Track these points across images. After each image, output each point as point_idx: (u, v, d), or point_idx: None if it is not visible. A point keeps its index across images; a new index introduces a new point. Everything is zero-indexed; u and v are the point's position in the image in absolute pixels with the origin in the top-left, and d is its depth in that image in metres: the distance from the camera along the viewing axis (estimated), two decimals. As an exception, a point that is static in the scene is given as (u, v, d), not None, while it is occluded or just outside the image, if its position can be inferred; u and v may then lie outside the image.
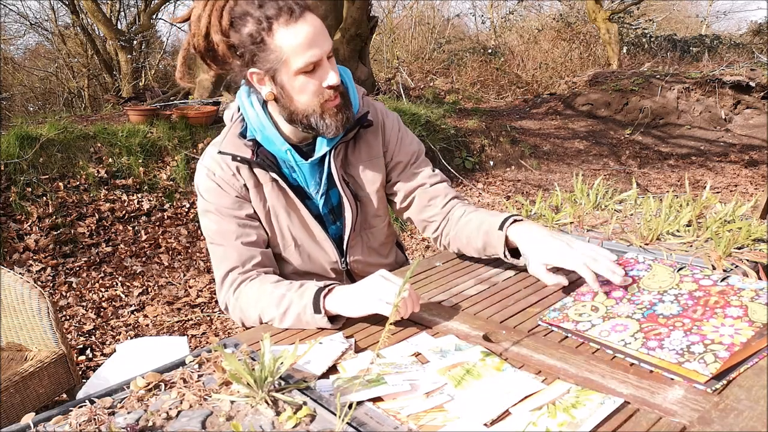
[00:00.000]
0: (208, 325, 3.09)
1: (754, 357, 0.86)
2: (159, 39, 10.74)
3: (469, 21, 18.85)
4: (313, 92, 1.11)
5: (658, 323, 0.95)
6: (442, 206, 1.34)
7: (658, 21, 13.07)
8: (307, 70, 1.09)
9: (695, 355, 0.85)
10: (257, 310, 1.13)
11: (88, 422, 0.76)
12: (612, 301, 1.04)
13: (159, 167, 4.37)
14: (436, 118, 6.12)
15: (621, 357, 0.91)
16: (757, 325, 0.89)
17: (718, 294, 0.99)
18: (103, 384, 1.80)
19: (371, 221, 1.35)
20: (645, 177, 6.06)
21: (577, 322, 1.00)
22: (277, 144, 1.21)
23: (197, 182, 1.26)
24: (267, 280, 1.17)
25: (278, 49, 1.07)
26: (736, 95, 7.56)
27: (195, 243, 3.97)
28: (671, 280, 1.06)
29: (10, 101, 8.36)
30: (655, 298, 1.02)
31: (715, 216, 1.32)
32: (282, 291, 1.09)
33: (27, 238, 3.53)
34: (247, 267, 1.20)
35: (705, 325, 0.91)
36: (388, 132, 1.33)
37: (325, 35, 1.10)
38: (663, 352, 0.88)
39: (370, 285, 1.03)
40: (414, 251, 4.18)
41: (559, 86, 9.18)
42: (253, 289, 1.15)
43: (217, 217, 1.21)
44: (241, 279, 1.19)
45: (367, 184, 1.31)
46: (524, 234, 1.16)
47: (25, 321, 1.88)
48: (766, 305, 0.93)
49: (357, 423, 0.74)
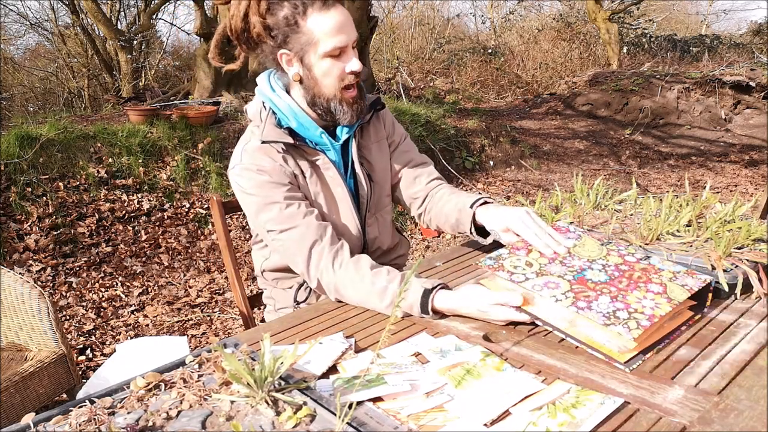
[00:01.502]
0: (208, 325, 3.10)
1: (667, 338, 0.98)
2: (159, 39, 10.72)
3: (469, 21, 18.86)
4: (336, 76, 1.21)
5: (587, 287, 1.03)
6: (426, 183, 1.46)
7: (658, 21, 13.06)
8: (334, 54, 1.18)
9: (620, 320, 0.93)
10: (358, 296, 1.17)
11: (88, 422, 0.76)
12: (545, 260, 1.12)
13: (159, 167, 4.37)
14: (436, 118, 6.12)
15: (550, 330, 1.00)
16: (674, 302, 0.98)
17: (641, 270, 1.08)
18: (103, 384, 1.80)
19: (384, 201, 1.45)
20: (645, 177, 6.05)
21: (511, 273, 1.08)
22: (311, 129, 1.29)
23: (243, 185, 1.26)
24: (362, 263, 1.19)
25: (309, 32, 1.17)
26: (736, 95, 7.55)
27: (195, 243, 3.97)
28: (599, 252, 1.15)
29: (10, 101, 8.36)
30: (584, 264, 1.10)
31: (715, 216, 1.32)
32: (383, 283, 1.14)
33: (27, 238, 3.53)
34: (326, 239, 1.22)
35: (629, 296, 1.00)
36: (385, 116, 1.46)
37: (351, 25, 1.20)
38: (591, 313, 0.95)
39: (472, 296, 1.07)
40: (414, 251, 4.18)
41: (559, 86, 9.18)
42: (349, 272, 1.18)
43: (278, 204, 1.23)
44: (331, 254, 1.21)
45: (378, 165, 1.41)
46: (489, 210, 1.29)
47: (25, 321, 1.88)
48: (682, 286, 1.02)
49: (357, 423, 0.74)
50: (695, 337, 0.99)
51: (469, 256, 1.46)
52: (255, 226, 1.36)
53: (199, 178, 4.43)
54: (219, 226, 1.60)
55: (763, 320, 1.04)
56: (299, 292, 1.42)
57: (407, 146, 1.48)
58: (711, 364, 0.90)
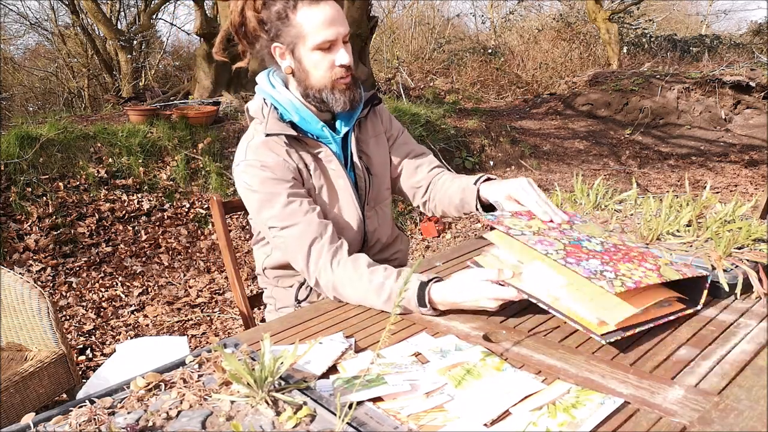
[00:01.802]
0: (208, 325, 3.10)
1: (650, 323, 0.98)
2: (159, 39, 10.72)
3: (469, 21, 18.85)
4: (326, 68, 1.23)
5: (581, 251, 1.05)
6: (428, 171, 1.49)
7: (658, 21, 13.06)
8: (323, 47, 1.21)
9: (605, 277, 0.95)
10: (356, 295, 1.17)
11: (88, 422, 0.76)
12: (545, 227, 1.15)
13: (159, 167, 4.37)
14: (436, 118, 6.12)
15: (534, 302, 1.00)
16: (665, 278, 0.99)
17: (638, 252, 1.10)
18: (103, 384, 1.80)
19: (383, 194, 1.46)
20: (645, 177, 6.05)
21: (509, 228, 1.11)
22: (313, 122, 1.31)
23: (247, 182, 1.27)
24: (360, 262, 1.19)
25: (299, 25, 1.20)
26: (736, 95, 7.55)
27: (195, 243, 3.97)
28: (601, 233, 1.17)
29: (10, 101, 8.35)
30: (583, 237, 1.13)
31: (715, 216, 1.31)
32: (380, 279, 1.14)
33: (27, 238, 3.53)
34: (326, 236, 1.22)
35: (621, 265, 1.02)
36: (382, 112, 1.49)
37: (343, 20, 1.23)
38: (578, 267, 0.98)
39: (470, 285, 1.06)
40: (414, 251, 4.18)
41: (559, 86, 9.18)
42: (348, 271, 1.18)
43: (280, 201, 1.24)
44: (330, 252, 1.21)
45: (376, 159, 1.43)
46: (492, 185, 1.32)
47: (25, 321, 1.88)
48: (676, 271, 1.04)
49: (357, 423, 0.74)
50: (695, 337, 0.99)
51: (469, 256, 1.46)
52: (257, 223, 1.37)
53: (199, 178, 4.43)
54: (219, 226, 1.60)
55: (763, 320, 1.04)
56: (300, 290, 1.42)
57: (405, 139, 1.51)
58: (711, 364, 0.90)
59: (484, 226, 1.29)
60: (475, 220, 4.77)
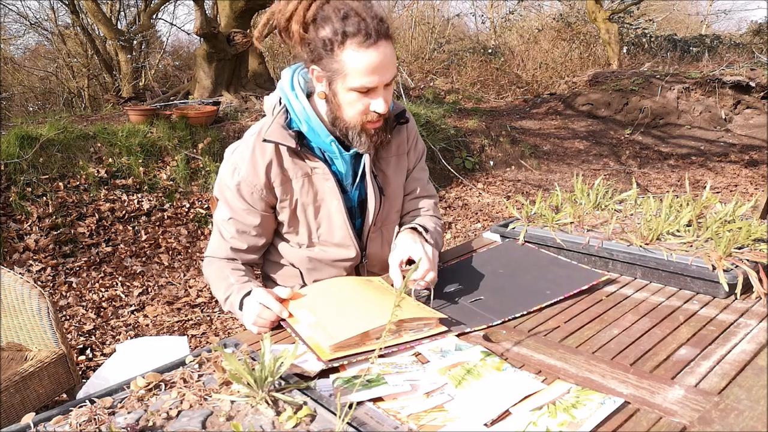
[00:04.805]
0: (208, 325, 3.09)
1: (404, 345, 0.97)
2: (159, 39, 10.71)
3: (469, 21, 18.83)
4: (359, 111, 1.18)
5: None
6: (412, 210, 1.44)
7: (658, 21, 13.06)
8: (361, 91, 1.15)
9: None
10: (215, 287, 1.29)
11: (88, 422, 0.76)
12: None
13: (159, 167, 4.37)
14: (436, 118, 6.12)
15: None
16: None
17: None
18: (103, 384, 1.80)
19: (392, 216, 1.40)
20: (645, 177, 6.05)
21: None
22: (322, 135, 1.25)
23: (221, 172, 1.36)
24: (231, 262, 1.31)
25: (342, 62, 1.12)
26: (736, 95, 7.55)
27: (195, 243, 3.97)
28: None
29: (10, 101, 8.36)
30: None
31: (715, 216, 1.31)
32: (232, 280, 1.25)
33: (27, 238, 3.53)
34: (225, 259, 1.33)
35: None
36: (411, 130, 1.40)
37: (390, 66, 1.15)
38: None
39: (249, 309, 1.15)
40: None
41: (559, 86, 9.18)
42: (215, 265, 1.31)
43: (227, 211, 1.31)
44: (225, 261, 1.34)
45: (393, 179, 1.37)
46: (402, 235, 1.29)
47: (25, 321, 1.88)
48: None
49: (357, 423, 0.74)
50: (695, 337, 0.99)
51: (469, 257, 1.46)
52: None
53: (199, 178, 4.43)
54: (219, 226, 1.60)
55: (763, 320, 1.04)
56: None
57: (419, 172, 1.44)
58: (711, 364, 0.90)
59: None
60: (474, 220, 4.77)
